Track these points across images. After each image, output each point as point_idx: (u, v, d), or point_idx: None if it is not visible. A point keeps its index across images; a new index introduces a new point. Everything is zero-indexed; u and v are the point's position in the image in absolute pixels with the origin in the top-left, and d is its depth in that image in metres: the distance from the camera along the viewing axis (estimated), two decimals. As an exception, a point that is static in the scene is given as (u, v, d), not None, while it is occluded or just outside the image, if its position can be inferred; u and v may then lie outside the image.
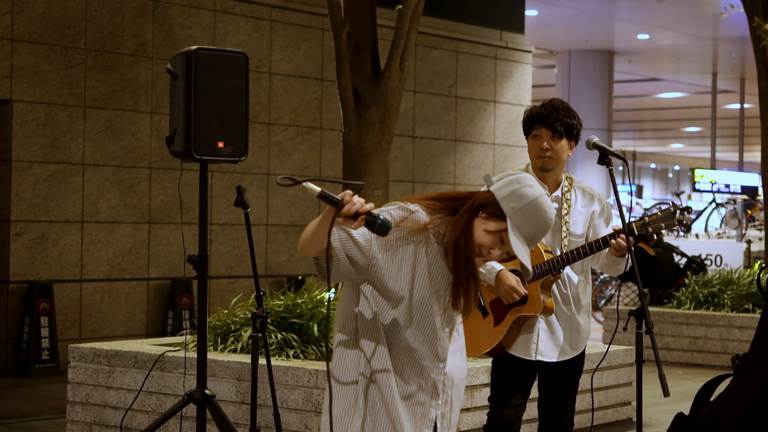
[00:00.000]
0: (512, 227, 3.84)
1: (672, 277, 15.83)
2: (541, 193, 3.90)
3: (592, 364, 7.84)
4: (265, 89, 15.94)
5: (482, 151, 19.31)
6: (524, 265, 3.86)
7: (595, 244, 5.64)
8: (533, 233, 3.85)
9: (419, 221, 3.88)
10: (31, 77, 13.54)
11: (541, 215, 3.85)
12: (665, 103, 37.87)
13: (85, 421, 8.68)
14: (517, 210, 3.84)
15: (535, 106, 5.87)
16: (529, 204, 3.85)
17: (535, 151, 5.78)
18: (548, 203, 3.90)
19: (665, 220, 5.60)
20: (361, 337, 3.89)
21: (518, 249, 3.83)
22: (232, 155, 6.41)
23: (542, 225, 3.86)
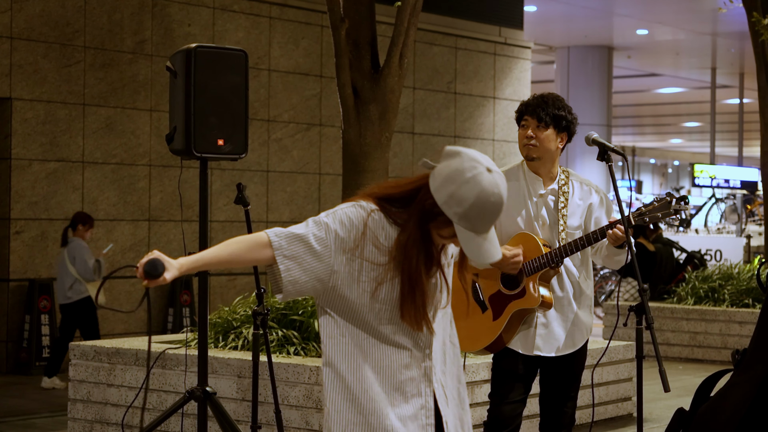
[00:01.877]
0: (462, 231, 3.64)
1: (672, 273, 15.84)
2: (480, 185, 3.61)
3: (593, 360, 7.84)
4: (264, 86, 15.94)
5: (482, 147, 19.31)
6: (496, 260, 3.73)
7: (592, 236, 5.64)
8: (486, 225, 3.63)
9: (375, 220, 3.80)
10: (30, 75, 13.55)
11: (488, 208, 3.60)
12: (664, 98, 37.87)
13: (86, 419, 8.69)
14: (462, 215, 3.61)
15: (528, 98, 5.93)
16: (471, 205, 3.59)
17: (521, 140, 5.84)
18: (491, 186, 3.61)
19: (662, 209, 5.60)
20: (341, 363, 3.84)
21: (475, 252, 3.65)
22: (231, 153, 6.42)
23: (492, 214, 3.62)
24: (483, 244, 3.65)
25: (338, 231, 3.77)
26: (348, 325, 3.80)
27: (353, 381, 3.79)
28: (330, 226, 3.78)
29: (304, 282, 3.76)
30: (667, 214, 5.60)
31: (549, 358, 5.82)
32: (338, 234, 3.77)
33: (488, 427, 5.83)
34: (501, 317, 5.72)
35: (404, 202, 3.79)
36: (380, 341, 3.80)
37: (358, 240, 3.76)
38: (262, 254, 3.75)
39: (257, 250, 3.76)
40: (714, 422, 5.10)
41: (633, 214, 5.60)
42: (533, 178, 5.83)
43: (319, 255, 3.75)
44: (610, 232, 5.55)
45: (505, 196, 3.64)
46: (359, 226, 3.77)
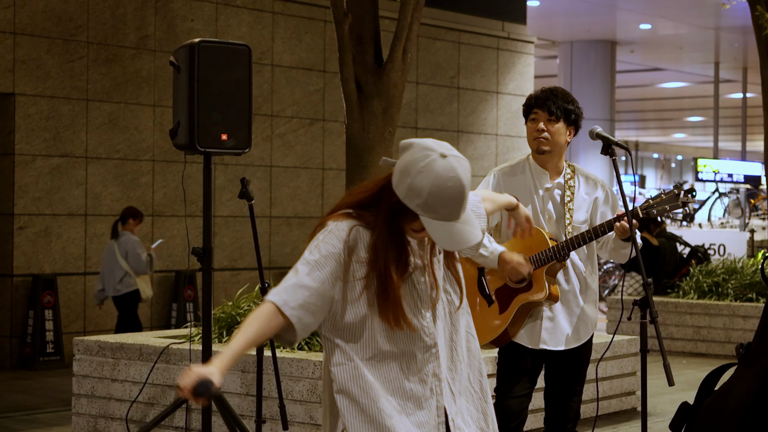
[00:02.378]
0: (428, 222, 3.60)
1: (675, 267, 15.84)
2: (434, 172, 3.57)
3: (597, 354, 7.85)
4: (267, 81, 15.94)
5: (485, 142, 19.31)
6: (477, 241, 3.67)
7: (599, 229, 5.64)
8: (451, 210, 3.58)
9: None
10: (33, 71, 13.55)
11: (447, 194, 3.55)
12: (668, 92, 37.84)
13: (90, 414, 8.70)
14: (423, 206, 3.58)
15: (535, 91, 5.89)
16: (429, 194, 3.55)
17: (531, 134, 5.81)
18: (445, 171, 3.56)
19: (669, 202, 5.60)
20: (353, 387, 3.83)
21: (446, 239, 3.60)
22: (235, 147, 6.42)
23: (453, 198, 3.56)
24: (453, 230, 3.61)
25: (328, 263, 3.74)
26: (352, 347, 3.79)
27: (367, 403, 3.77)
28: (319, 261, 3.75)
29: (316, 322, 3.77)
30: (675, 206, 5.60)
31: (555, 352, 5.82)
32: (329, 265, 3.73)
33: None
34: (507, 311, 5.72)
35: (374, 204, 3.76)
36: (384, 354, 3.79)
37: (346, 263, 3.74)
38: (278, 321, 3.72)
39: (273, 320, 3.72)
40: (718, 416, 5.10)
41: (641, 206, 5.60)
42: (540, 172, 5.83)
43: (321, 293, 3.73)
44: (617, 225, 5.55)
45: (464, 178, 3.57)
46: (342, 249, 3.74)
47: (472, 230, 3.65)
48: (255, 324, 3.72)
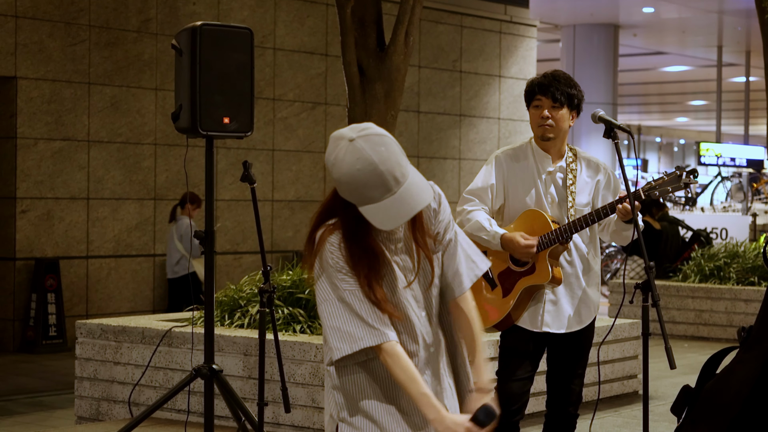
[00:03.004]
0: (365, 211, 3.56)
1: (678, 251, 15.83)
2: (341, 163, 3.57)
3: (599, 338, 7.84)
4: (269, 65, 15.92)
5: (487, 126, 19.30)
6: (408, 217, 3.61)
7: (602, 211, 5.65)
8: (373, 192, 3.53)
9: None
10: (35, 54, 13.54)
11: (361, 178, 3.52)
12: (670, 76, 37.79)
13: (93, 397, 8.72)
14: (349, 196, 3.58)
15: (536, 76, 5.87)
16: (346, 184, 3.56)
17: (536, 121, 5.79)
18: (351, 158, 3.54)
19: (671, 183, 5.60)
20: (352, 388, 3.85)
21: (383, 219, 3.56)
22: (237, 131, 6.42)
23: (369, 180, 3.51)
24: (393, 206, 3.56)
25: (344, 268, 3.73)
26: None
27: (361, 399, 3.80)
28: (341, 269, 3.72)
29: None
30: (678, 187, 5.59)
31: (557, 335, 5.83)
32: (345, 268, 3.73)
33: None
34: (511, 294, 5.73)
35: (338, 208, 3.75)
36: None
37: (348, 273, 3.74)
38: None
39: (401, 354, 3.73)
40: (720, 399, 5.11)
41: (643, 188, 5.60)
42: (542, 156, 5.83)
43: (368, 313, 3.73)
44: (619, 207, 5.55)
45: (374, 155, 3.52)
46: (341, 255, 3.72)
47: (417, 195, 3.58)
48: (409, 367, 3.70)
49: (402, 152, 3.63)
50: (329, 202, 3.77)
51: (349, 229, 3.69)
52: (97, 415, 8.69)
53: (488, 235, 5.68)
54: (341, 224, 3.71)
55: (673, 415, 5.26)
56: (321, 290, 3.74)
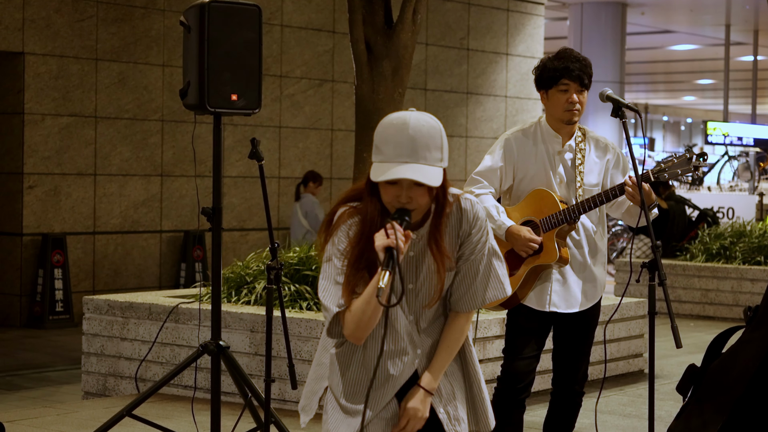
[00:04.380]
0: (374, 165, 3.65)
1: (684, 230, 15.83)
2: (386, 119, 3.72)
3: (605, 317, 7.86)
4: (276, 42, 15.91)
5: (494, 104, 19.27)
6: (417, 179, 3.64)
7: (611, 192, 5.65)
8: (393, 149, 3.62)
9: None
10: (42, 30, 13.54)
11: (390, 130, 3.64)
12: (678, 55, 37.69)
13: (99, 372, 8.74)
14: (374, 150, 3.67)
15: (552, 57, 5.80)
16: (377, 136, 3.67)
17: (562, 105, 5.73)
18: (395, 116, 3.68)
19: (681, 165, 5.59)
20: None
21: (386, 173, 3.63)
22: (245, 108, 6.41)
23: (397, 136, 3.62)
24: (390, 168, 3.63)
25: (343, 249, 3.79)
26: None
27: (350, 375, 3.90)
28: (339, 248, 3.78)
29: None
30: (687, 170, 5.59)
31: (563, 314, 5.84)
32: (344, 250, 3.79)
33: (502, 382, 5.85)
34: (517, 273, 5.74)
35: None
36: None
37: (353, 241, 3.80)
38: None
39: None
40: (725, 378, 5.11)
41: (652, 170, 5.60)
42: (551, 136, 5.82)
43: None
44: (629, 190, 5.55)
45: (411, 121, 3.63)
46: (346, 237, 3.79)
47: (426, 172, 3.63)
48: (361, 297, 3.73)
49: (443, 148, 3.69)
50: (360, 186, 3.82)
51: (368, 216, 3.74)
52: (104, 391, 8.72)
53: (494, 224, 5.69)
54: (363, 209, 3.77)
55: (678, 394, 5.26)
56: (322, 266, 3.84)
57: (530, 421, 6.83)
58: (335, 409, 3.86)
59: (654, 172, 5.59)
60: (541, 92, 5.82)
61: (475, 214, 3.87)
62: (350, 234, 3.76)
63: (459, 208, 3.87)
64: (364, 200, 3.76)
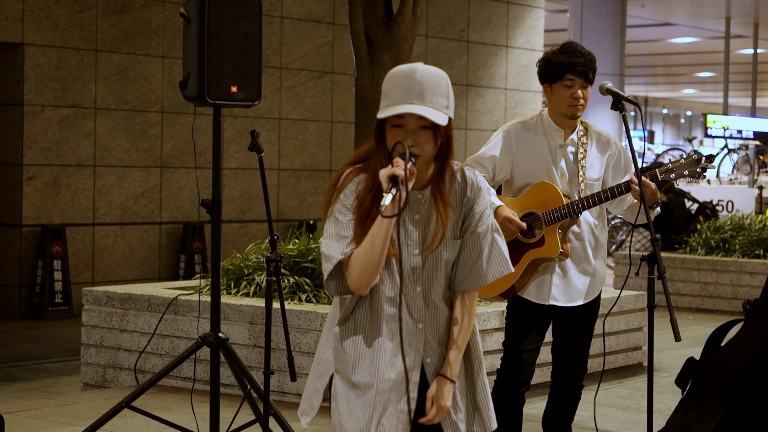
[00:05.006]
0: (385, 109, 3.73)
1: (683, 223, 15.83)
2: (393, 69, 3.84)
3: (604, 309, 7.86)
4: (276, 33, 15.90)
5: (494, 96, 19.27)
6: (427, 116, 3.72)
7: (616, 189, 5.65)
8: (400, 92, 3.72)
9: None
10: (42, 21, 13.53)
11: (398, 76, 3.75)
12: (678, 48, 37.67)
13: (98, 364, 8.75)
14: (383, 97, 3.78)
15: (557, 51, 5.77)
16: (385, 82, 3.78)
17: (566, 100, 5.71)
18: (398, 67, 3.81)
19: (689, 167, 5.61)
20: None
21: (392, 109, 3.72)
22: (245, 99, 6.41)
23: (404, 80, 3.72)
24: (396, 107, 3.71)
25: (350, 204, 3.80)
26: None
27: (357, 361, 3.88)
28: (345, 204, 3.80)
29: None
30: (693, 173, 5.61)
31: (563, 307, 5.84)
32: (351, 205, 3.80)
33: (502, 375, 5.86)
34: (518, 265, 5.74)
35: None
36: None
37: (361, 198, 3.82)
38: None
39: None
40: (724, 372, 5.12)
41: (660, 170, 5.61)
42: (553, 130, 5.81)
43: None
44: (635, 188, 5.55)
45: (419, 67, 3.74)
46: (353, 190, 3.82)
47: (432, 112, 3.71)
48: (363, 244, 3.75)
49: (449, 97, 3.78)
50: (363, 149, 3.88)
51: (378, 163, 3.77)
52: (103, 382, 8.73)
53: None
54: (372, 165, 3.79)
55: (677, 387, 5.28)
56: (326, 222, 3.85)
57: (529, 414, 6.83)
58: (346, 391, 3.83)
59: (662, 172, 5.61)
60: (545, 85, 5.80)
61: (478, 184, 3.94)
62: (358, 189, 3.79)
63: (463, 176, 3.93)
64: (374, 154, 3.81)
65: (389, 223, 3.63)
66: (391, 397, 3.81)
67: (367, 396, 3.80)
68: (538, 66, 5.82)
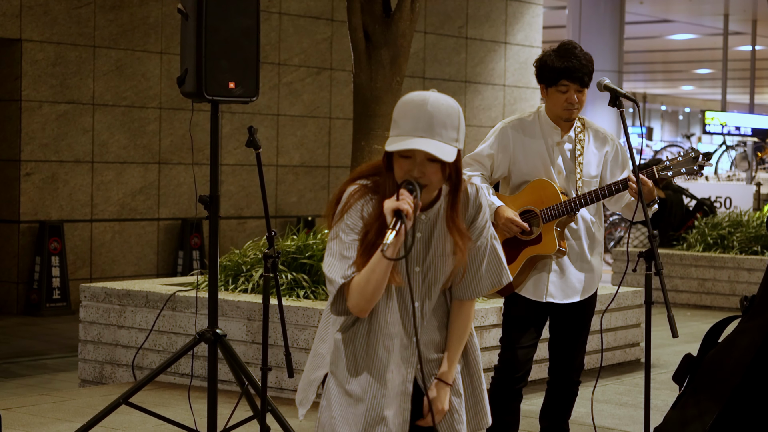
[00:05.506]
0: (394, 139, 3.69)
1: (681, 219, 15.84)
2: (406, 96, 3.78)
3: (602, 306, 7.87)
4: (275, 29, 15.89)
5: (492, 93, 19.26)
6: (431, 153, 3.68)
7: (614, 186, 5.65)
8: (411, 123, 3.68)
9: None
10: (40, 17, 13.51)
11: (408, 105, 3.70)
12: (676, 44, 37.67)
13: (96, 360, 8.75)
14: (393, 125, 3.73)
15: (553, 54, 5.70)
16: (396, 111, 3.73)
17: (561, 104, 5.69)
18: (416, 93, 3.74)
19: (686, 164, 5.61)
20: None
21: (399, 144, 3.67)
22: (243, 96, 6.41)
23: (414, 111, 3.68)
24: (403, 140, 3.67)
25: (355, 225, 3.79)
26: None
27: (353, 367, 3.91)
28: (349, 224, 3.78)
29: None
30: (691, 170, 5.61)
31: (560, 304, 5.84)
32: (356, 225, 3.79)
33: (500, 371, 5.86)
34: (515, 263, 5.74)
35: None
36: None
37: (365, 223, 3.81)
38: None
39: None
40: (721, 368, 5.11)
41: (657, 167, 5.61)
42: (551, 127, 5.81)
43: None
44: (633, 185, 5.55)
45: (430, 98, 3.69)
46: (358, 210, 3.80)
47: (440, 148, 3.66)
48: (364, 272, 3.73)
49: (460, 129, 3.74)
50: (368, 166, 3.87)
51: (386, 191, 3.75)
52: (101, 378, 8.73)
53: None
54: (380, 184, 3.78)
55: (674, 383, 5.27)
56: (329, 243, 3.83)
57: (527, 410, 6.84)
58: (339, 396, 3.85)
59: (659, 170, 5.61)
60: (541, 86, 5.80)
61: (479, 199, 3.93)
62: (364, 212, 3.78)
63: (465, 192, 3.92)
64: (382, 176, 3.79)
65: (390, 262, 3.65)
66: (385, 411, 3.83)
67: (359, 408, 3.83)
68: (535, 66, 5.79)
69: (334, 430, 3.82)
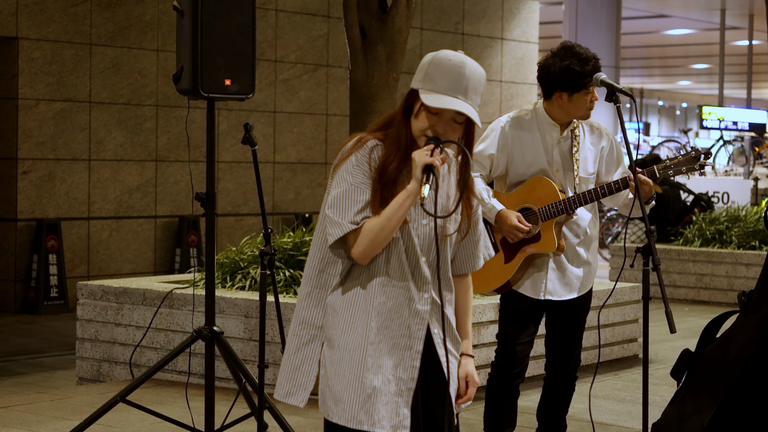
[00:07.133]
0: (426, 93, 3.77)
1: (679, 215, 15.84)
2: (441, 52, 3.84)
3: (599, 301, 7.86)
4: (271, 26, 15.88)
5: (489, 89, 19.25)
6: (469, 118, 3.80)
7: (614, 185, 5.65)
8: (449, 83, 3.76)
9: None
10: (36, 15, 13.50)
11: (447, 65, 3.78)
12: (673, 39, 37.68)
13: (94, 358, 8.74)
14: (423, 78, 3.80)
15: (575, 60, 5.57)
16: (430, 64, 3.81)
17: (586, 105, 5.69)
18: (452, 52, 3.83)
19: (687, 164, 5.61)
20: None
21: (442, 102, 3.75)
22: (239, 93, 6.40)
23: (451, 70, 3.77)
24: (444, 98, 3.77)
25: (363, 167, 3.83)
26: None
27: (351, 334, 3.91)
28: (359, 166, 3.83)
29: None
30: (692, 169, 5.62)
31: (557, 301, 5.84)
32: (363, 168, 3.84)
33: (497, 367, 5.86)
34: (513, 260, 5.74)
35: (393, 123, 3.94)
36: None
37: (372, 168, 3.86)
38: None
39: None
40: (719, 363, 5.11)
41: (658, 167, 5.61)
42: (548, 124, 5.79)
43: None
44: (633, 184, 5.55)
45: (468, 63, 3.80)
46: (367, 153, 3.86)
47: (461, 104, 3.77)
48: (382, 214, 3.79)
49: (482, 97, 3.86)
50: (391, 114, 3.92)
51: (397, 142, 3.84)
52: (98, 376, 8.72)
53: (485, 207, 5.69)
54: (391, 135, 3.85)
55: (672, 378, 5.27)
56: (334, 181, 3.87)
57: (524, 406, 6.83)
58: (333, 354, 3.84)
59: (659, 168, 5.61)
60: (562, 94, 5.70)
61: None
62: (373, 156, 3.84)
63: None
64: (397, 124, 3.86)
65: (409, 205, 3.74)
66: (384, 359, 3.82)
67: (354, 356, 3.82)
68: (557, 78, 5.67)
69: (331, 390, 3.82)
